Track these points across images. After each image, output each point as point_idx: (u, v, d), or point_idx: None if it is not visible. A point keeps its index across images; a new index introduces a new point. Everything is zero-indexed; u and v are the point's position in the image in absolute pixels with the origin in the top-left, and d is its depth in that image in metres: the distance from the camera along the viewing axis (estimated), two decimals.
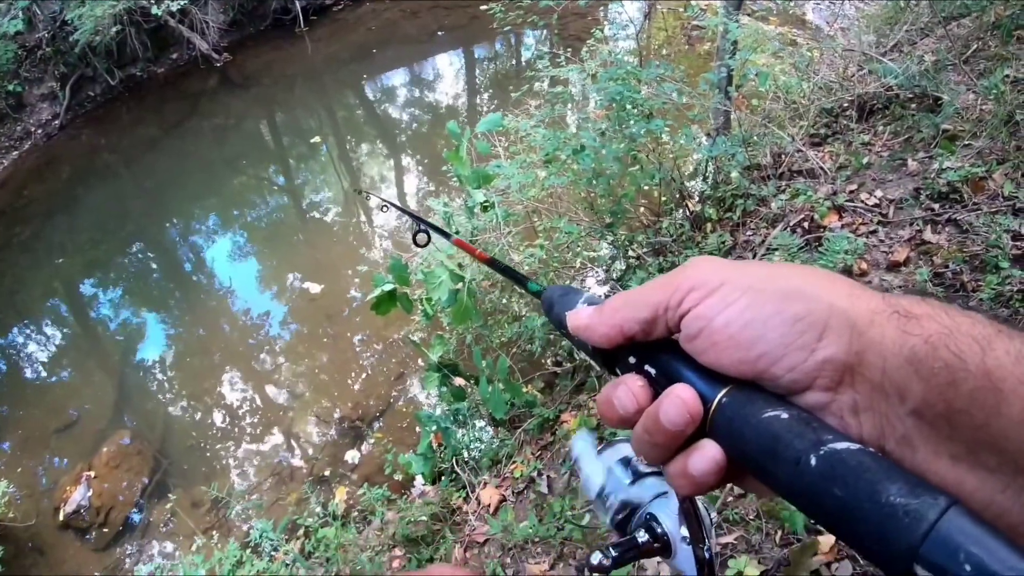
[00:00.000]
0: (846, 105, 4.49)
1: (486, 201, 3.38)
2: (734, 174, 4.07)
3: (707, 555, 0.55)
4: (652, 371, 0.47)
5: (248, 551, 3.69)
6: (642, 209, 4.68)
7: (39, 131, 9.74)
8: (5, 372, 6.49)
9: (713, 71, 4.25)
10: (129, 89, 10.47)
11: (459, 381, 3.74)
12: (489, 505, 3.24)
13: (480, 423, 3.92)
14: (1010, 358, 0.35)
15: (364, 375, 5.57)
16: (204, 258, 7.72)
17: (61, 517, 4.80)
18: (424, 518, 3.38)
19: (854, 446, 0.36)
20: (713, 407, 0.42)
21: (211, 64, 10.63)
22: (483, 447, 3.78)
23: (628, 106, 3.71)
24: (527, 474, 3.28)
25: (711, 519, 0.57)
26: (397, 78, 10.82)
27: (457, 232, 3.50)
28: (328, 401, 5.44)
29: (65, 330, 7.08)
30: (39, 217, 8.44)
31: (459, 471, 3.61)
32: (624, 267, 4.28)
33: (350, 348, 5.85)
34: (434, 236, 0.82)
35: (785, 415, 0.39)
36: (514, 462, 3.44)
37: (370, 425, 5.04)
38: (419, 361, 5.20)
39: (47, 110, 9.86)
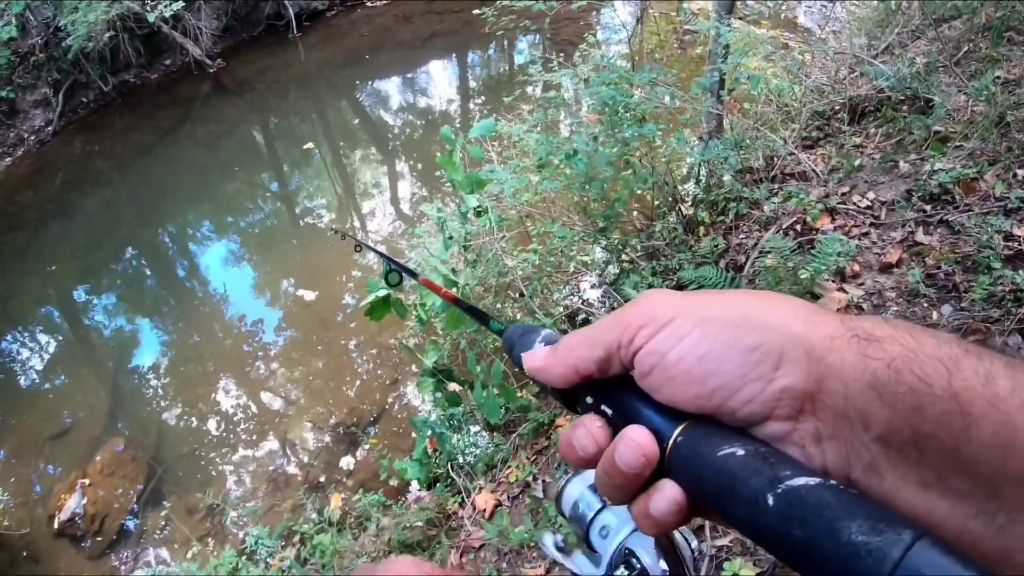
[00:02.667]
0: (838, 108, 4.50)
1: (479, 206, 3.39)
2: (726, 177, 4.07)
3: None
4: (609, 411, 0.46)
5: (244, 558, 3.68)
6: (635, 213, 4.68)
7: (32, 137, 9.72)
8: None
9: (705, 75, 4.26)
10: (122, 95, 10.46)
11: (453, 386, 3.74)
12: (485, 510, 3.24)
13: (475, 428, 3.92)
14: (979, 379, 0.34)
15: (359, 381, 5.56)
16: (198, 264, 7.71)
17: (56, 525, 4.78)
18: (420, 523, 3.38)
19: (813, 481, 0.35)
20: (669, 447, 0.41)
21: (204, 70, 10.61)
22: (478, 452, 3.78)
23: (621, 110, 3.71)
24: (522, 479, 3.28)
25: (693, 549, 0.57)
26: (390, 83, 10.83)
27: (451, 238, 3.50)
28: (323, 407, 5.43)
29: (58, 337, 7.06)
30: (32, 224, 8.41)
31: (454, 476, 3.60)
32: (618, 271, 4.28)
33: (345, 354, 5.84)
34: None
35: (741, 452, 0.38)
36: (509, 467, 3.44)
37: (365, 431, 5.03)
38: (413, 367, 5.20)
39: (40, 116, 9.84)
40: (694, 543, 0.56)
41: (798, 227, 3.48)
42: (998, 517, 0.33)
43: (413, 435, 4.35)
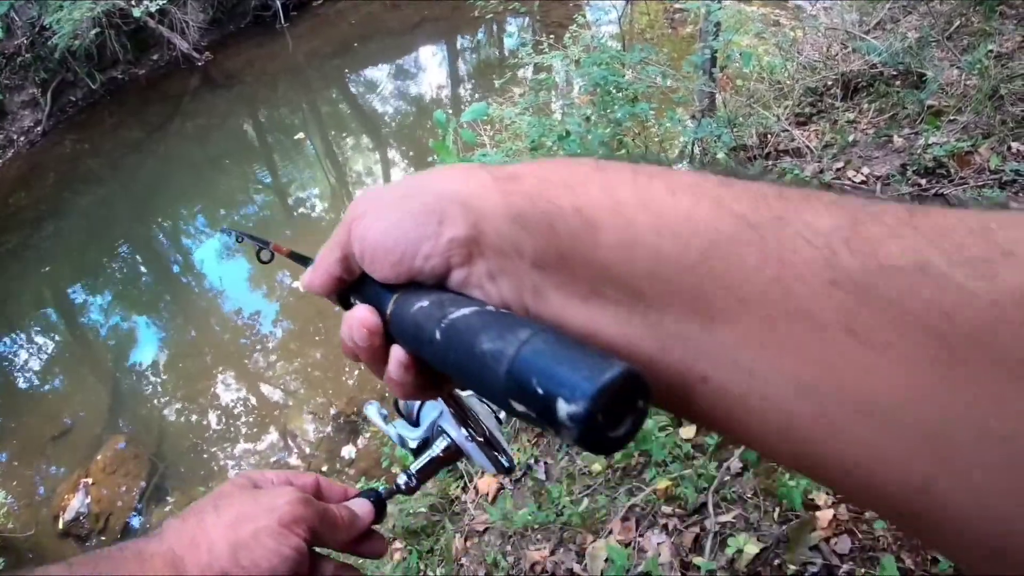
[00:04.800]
0: (830, 84, 4.49)
1: None
2: (720, 155, 4.07)
3: (484, 436, 0.63)
4: (356, 302, 0.51)
5: None
6: None
7: (22, 139, 9.65)
8: None
9: (697, 53, 4.24)
10: (111, 92, 10.37)
11: None
12: (487, 494, 3.25)
13: None
14: (601, 191, 0.36)
15: (357, 369, 5.56)
16: (192, 259, 7.69)
17: (61, 525, 4.79)
18: (423, 509, 3.39)
19: (469, 310, 0.38)
20: (388, 317, 0.46)
21: (192, 64, 10.53)
22: None
23: (612, 90, 3.70)
24: (524, 461, 3.28)
25: (500, 418, 0.68)
26: (380, 71, 10.75)
27: None
28: (322, 397, 5.44)
29: (56, 337, 7.05)
30: (25, 225, 8.37)
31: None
32: None
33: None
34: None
35: (426, 303, 0.42)
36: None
37: (365, 419, 5.04)
38: None
39: (29, 117, 9.77)
40: (502, 413, 0.67)
41: None
42: (649, 316, 0.34)
43: None
